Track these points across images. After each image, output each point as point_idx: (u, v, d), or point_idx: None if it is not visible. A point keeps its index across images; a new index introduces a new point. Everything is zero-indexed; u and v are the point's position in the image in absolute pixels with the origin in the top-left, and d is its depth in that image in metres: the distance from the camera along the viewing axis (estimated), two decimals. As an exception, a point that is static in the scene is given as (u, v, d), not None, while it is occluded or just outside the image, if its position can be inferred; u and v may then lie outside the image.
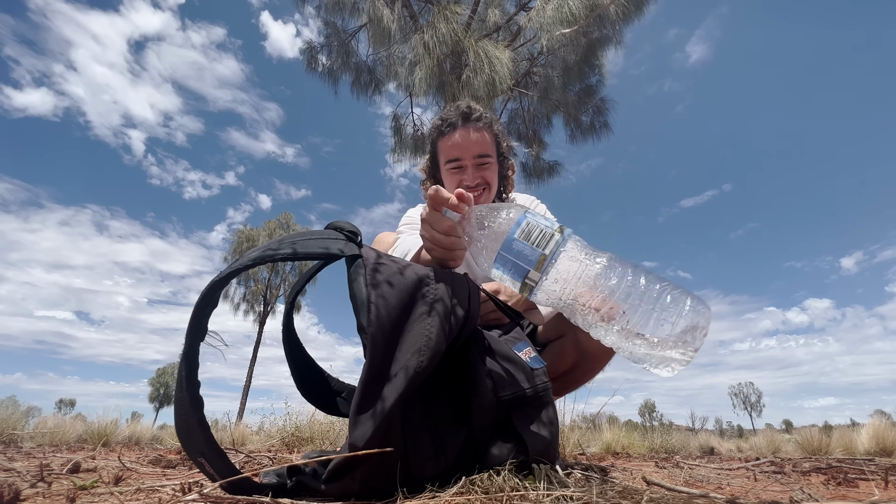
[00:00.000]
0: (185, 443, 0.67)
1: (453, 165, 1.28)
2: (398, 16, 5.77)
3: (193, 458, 0.68)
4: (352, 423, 0.64)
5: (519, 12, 6.34)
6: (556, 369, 1.14)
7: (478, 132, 1.27)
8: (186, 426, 0.66)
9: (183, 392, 0.66)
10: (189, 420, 0.66)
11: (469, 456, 0.75)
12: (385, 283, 0.71)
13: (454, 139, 1.27)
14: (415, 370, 0.66)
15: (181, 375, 0.66)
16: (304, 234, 0.78)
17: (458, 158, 1.27)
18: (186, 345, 0.66)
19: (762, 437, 5.07)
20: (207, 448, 0.66)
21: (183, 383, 0.66)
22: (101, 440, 2.72)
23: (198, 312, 0.67)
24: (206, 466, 0.67)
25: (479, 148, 1.27)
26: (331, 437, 2.43)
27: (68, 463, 1.10)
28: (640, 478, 0.98)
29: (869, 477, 1.19)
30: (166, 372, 41.61)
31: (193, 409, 0.66)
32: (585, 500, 0.60)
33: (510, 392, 0.76)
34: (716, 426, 57.58)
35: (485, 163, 1.28)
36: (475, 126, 1.26)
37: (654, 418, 48.29)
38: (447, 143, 1.28)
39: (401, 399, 0.65)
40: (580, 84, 6.74)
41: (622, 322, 0.71)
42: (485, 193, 1.30)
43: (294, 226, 22.57)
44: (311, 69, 6.90)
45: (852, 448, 3.49)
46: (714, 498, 0.67)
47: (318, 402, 0.96)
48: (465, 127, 1.26)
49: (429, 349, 0.68)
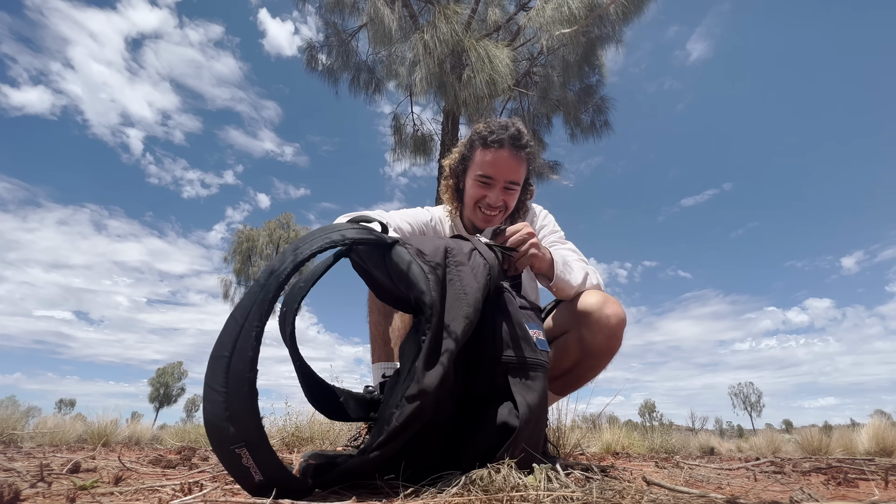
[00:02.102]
0: (225, 431, 0.63)
1: (484, 181, 1.30)
2: (398, 15, 5.76)
3: (228, 449, 0.63)
4: (420, 374, 0.72)
5: (519, 12, 6.33)
6: (560, 366, 1.16)
7: (519, 160, 1.29)
8: (238, 411, 0.63)
9: (247, 374, 0.64)
10: (244, 405, 0.64)
11: (468, 416, 0.81)
12: (424, 254, 0.83)
13: (495, 157, 1.27)
14: (466, 320, 0.78)
15: (247, 356, 0.65)
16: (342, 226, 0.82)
17: (491, 177, 1.29)
18: (257, 324, 0.66)
19: (762, 437, 5.08)
20: (257, 435, 0.64)
21: (247, 365, 0.64)
22: (101, 440, 2.72)
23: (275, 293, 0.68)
24: (244, 458, 0.63)
25: (513, 175, 1.29)
26: (330, 437, 2.43)
27: (68, 463, 1.10)
28: (640, 478, 0.98)
29: (869, 477, 1.19)
30: (166, 372, 41.59)
31: (251, 393, 0.64)
32: (585, 499, 0.60)
33: (511, 355, 0.84)
34: (716, 426, 57.59)
35: (512, 189, 1.31)
36: (519, 154, 1.28)
37: (654, 418, 48.30)
38: (486, 157, 1.29)
39: (458, 347, 0.76)
40: (580, 83, 6.74)
41: None
42: (500, 215, 1.34)
43: (294, 226, 22.56)
44: (311, 69, 6.89)
45: (852, 448, 3.49)
46: (714, 498, 0.67)
47: (322, 408, 0.97)
48: (510, 149, 1.27)
49: (469, 305, 0.80)
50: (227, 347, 0.66)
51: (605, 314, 1.07)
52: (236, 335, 0.66)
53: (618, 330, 1.09)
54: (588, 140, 7.03)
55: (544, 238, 1.40)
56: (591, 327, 1.09)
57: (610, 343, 1.10)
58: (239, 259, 20.78)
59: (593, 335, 1.09)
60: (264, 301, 0.68)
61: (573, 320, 1.13)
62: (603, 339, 1.09)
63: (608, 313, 1.07)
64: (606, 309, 1.08)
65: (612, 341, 1.10)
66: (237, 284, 20.48)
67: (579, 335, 1.12)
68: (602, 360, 1.14)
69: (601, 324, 1.08)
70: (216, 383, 0.64)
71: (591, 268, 1.22)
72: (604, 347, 1.10)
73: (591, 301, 1.09)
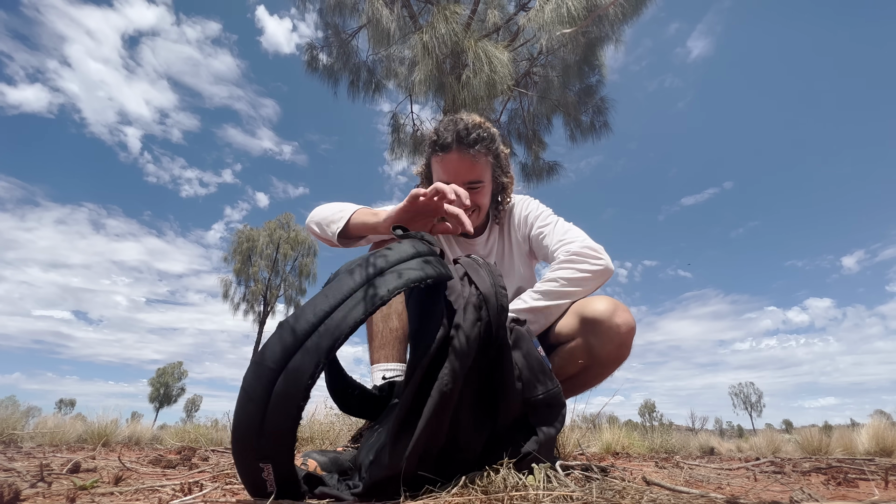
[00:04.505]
0: (253, 444, 0.59)
1: None
2: (398, 16, 5.77)
3: (252, 461, 0.60)
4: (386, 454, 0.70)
5: (518, 12, 6.34)
6: (565, 372, 1.14)
7: (470, 158, 1.22)
8: (275, 432, 0.59)
9: (299, 400, 0.59)
10: (285, 428, 0.59)
11: (491, 451, 0.79)
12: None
13: (446, 163, 1.24)
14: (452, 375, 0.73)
15: (302, 382, 0.58)
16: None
17: (448, 182, 1.23)
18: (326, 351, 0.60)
19: (762, 437, 5.07)
20: (287, 457, 0.61)
21: (301, 391, 0.59)
22: (101, 440, 2.72)
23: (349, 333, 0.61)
24: (265, 472, 0.60)
25: (470, 175, 1.24)
26: (330, 437, 2.43)
27: (68, 463, 1.10)
28: (640, 478, 0.98)
29: (869, 477, 1.19)
30: (166, 372, 41.55)
31: (296, 417, 0.59)
32: (585, 499, 0.60)
33: (536, 394, 0.82)
34: (716, 426, 57.56)
35: (476, 188, 1.26)
36: (468, 152, 1.22)
37: (654, 418, 48.28)
38: (439, 163, 1.26)
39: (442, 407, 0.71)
40: (580, 84, 6.74)
41: None
42: (474, 215, 1.29)
43: (294, 226, 22.55)
44: (311, 69, 6.90)
45: (852, 448, 3.49)
46: (714, 498, 0.67)
47: (337, 398, 0.98)
48: (458, 150, 1.22)
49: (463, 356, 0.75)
50: (275, 360, 0.59)
51: (616, 323, 1.05)
52: (292, 350, 0.60)
53: (627, 339, 1.07)
54: (588, 141, 7.04)
55: (535, 229, 1.33)
56: (601, 336, 1.06)
57: (619, 352, 1.08)
58: (239, 259, 20.76)
59: (602, 344, 1.07)
60: (338, 333, 0.60)
61: (581, 327, 1.10)
62: (613, 349, 1.07)
63: (618, 322, 1.05)
64: (616, 318, 1.05)
65: (622, 350, 1.08)
66: (237, 284, 20.49)
67: (587, 343, 1.09)
68: (609, 369, 1.13)
69: (611, 333, 1.05)
70: (255, 395, 0.59)
71: (579, 263, 1.14)
72: (613, 356, 1.08)
73: (600, 308, 1.07)
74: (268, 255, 21.25)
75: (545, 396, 0.82)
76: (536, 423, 0.81)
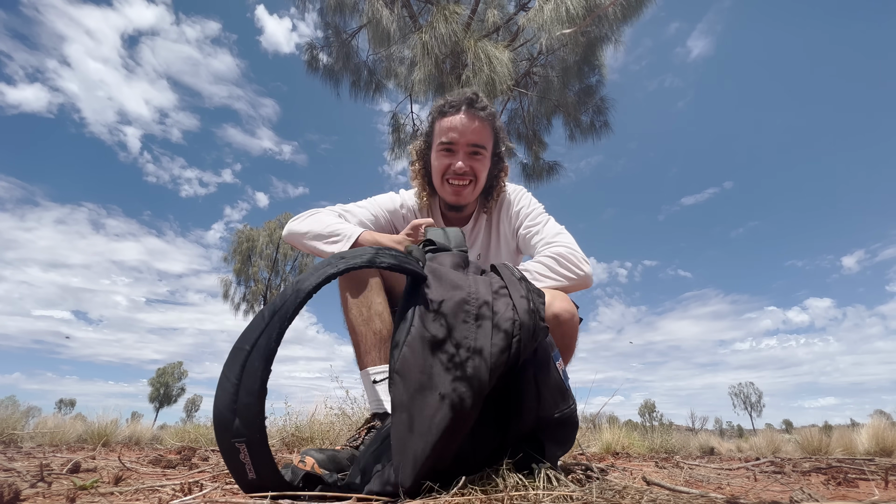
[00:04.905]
0: (229, 423, 0.64)
1: (446, 147, 1.26)
2: (398, 16, 5.77)
3: (229, 442, 0.64)
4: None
5: (518, 12, 6.34)
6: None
7: (478, 121, 1.24)
8: (245, 407, 0.63)
9: (260, 371, 0.64)
10: (252, 402, 0.63)
11: (496, 460, 0.77)
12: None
13: (453, 121, 1.25)
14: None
15: (264, 353, 0.64)
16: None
17: (452, 142, 1.25)
18: (280, 321, 0.66)
19: (762, 437, 5.08)
20: (258, 434, 0.64)
21: (262, 362, 0.64)
22: (101, 440, 2.72)
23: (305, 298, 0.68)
24: (241, 454, 0.64)
25: (475, 137, 1.25)
26: (330, 437, 2.43)
27: (68, 463, 1.10)
28: (640, 478, 0.98)
29: (869, 477, 1.19)
30: (166, 372, 41.57)
31: (261, 391, 0.64)
32: (585, 500, 0.60)
33: (552, 413, 0.79)
34: (716, 426, 57.57)
35: (477, 153, 1.26)
36: (477, 115, 1.24)
37: (654, 418, 48.26)
38: (445, 124, 1.26)
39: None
40: (580, 84, 6.74)
41: None
42: (471, 186, 1.28)
43: (294, 226, 22.53)
44: (312, 69, 6.90)
45: (852, 448, 3.49)
46: (714, 498, 0.67)
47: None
48: (467, 112, 1.24)
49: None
50: (248, 341, 0.66)
51: (554, 312, 1.00)
52: (260, 331, 0.66)
53: (567, 329, 1.03)
54: (587, 141, 7.04)
55: (524, 226, 1.31)
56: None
57: (563, 342, 1.04)
58: (239, 259, 20.77)
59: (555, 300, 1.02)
60: (296, 298, 0.67)
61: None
62: (556, 340, 1.01)
63: (556, 311, 1.01)
64: (553, 307, 1.01)
65: (565, 341, 1.05)
66: (237, 284, 20.49)
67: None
68: (565, 328, 1.06)
69: (552, 322, 1.01)
70: (232, 374, 0.64)
71: (563, 266, 1.13)
72: (566, 314, 1.03)
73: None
74: (268, 255, 21.26)
75: (560, 416, 0.79)
76: (546, 438, 0.78)
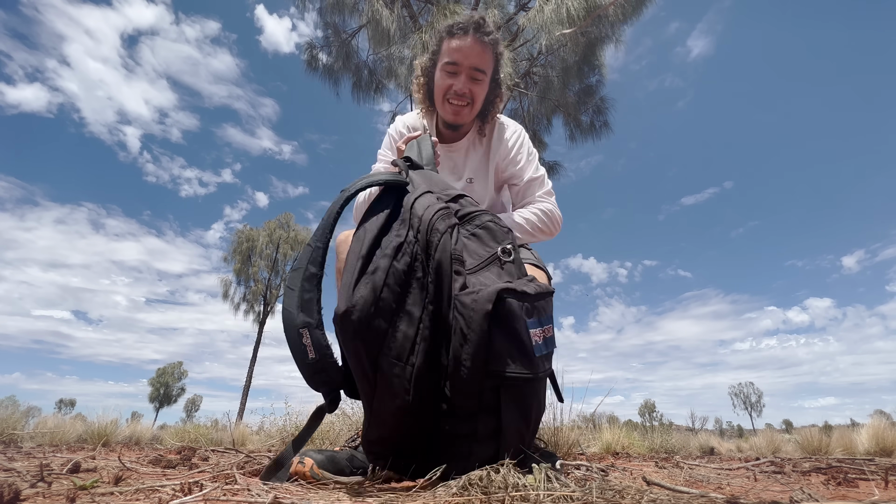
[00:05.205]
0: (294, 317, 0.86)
1: (450, 69, 1.31)
2: (398, 16, 5.77)
3: (295, 331, 0.85)
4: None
5: (518, 12, 6.34)
6: None
7: (483, 45, 1.29)
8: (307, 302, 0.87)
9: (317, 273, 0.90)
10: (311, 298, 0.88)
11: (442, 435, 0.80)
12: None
13: (459, 43, 1.29)
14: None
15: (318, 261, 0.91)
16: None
17: (456, 63, 1.30)
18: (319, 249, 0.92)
19: (762, 437, 5.07)
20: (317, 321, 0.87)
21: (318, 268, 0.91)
22: (101, 440, 2.72)
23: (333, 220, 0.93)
24: (304, 338, 0.85)
25: (478, 60, 1.30)
26: (331, 437, 2.43)
27: (68, 463, 1.10)
28: (640, 478, 0.98)
29: (869, 477, 1.19)
30: (166, 372, 41.59)
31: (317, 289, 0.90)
32: (585, 500, 0.60)
33: (503, 368, 0.75)
34: (716, 426, 57.61)
35: (478, 77, 1.31)
36: (483, 39, 1.29)
37: (654, 418, 48.29)
38: (451, 45, 1.31)
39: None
40: (580, 84, 6.74)
41: None
42: (468, 107, 1.33)
43: (294, 226, 22.55)
44: (311, 69, 6.90)
45: (852, 448, 3.48)
46: (714, 498, 0.67)
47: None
48: (474, 36, 1.28)
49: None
50: (302, 262, 0.92)
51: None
52: (309, 254, 0.92)
53: None
54: (587, 141, 7.04)
55: (515, 160, 1.37)
56: None
57: None
58: (239, 259, 20.76)
59: None
60: (326, 227, 0.93)
61: None
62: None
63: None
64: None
65: None
66: (237, 284, 20.49)
67: None
68: None
69: None
70: (294, 284, 0.89)
71: (548, 223, 1.28)
72: None
73: None
74: (268, 254, 21.26)
75: (513, 375, 0.76)
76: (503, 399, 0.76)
